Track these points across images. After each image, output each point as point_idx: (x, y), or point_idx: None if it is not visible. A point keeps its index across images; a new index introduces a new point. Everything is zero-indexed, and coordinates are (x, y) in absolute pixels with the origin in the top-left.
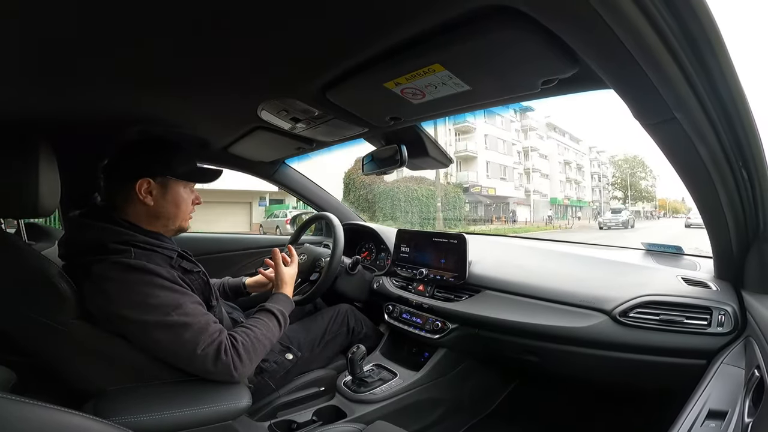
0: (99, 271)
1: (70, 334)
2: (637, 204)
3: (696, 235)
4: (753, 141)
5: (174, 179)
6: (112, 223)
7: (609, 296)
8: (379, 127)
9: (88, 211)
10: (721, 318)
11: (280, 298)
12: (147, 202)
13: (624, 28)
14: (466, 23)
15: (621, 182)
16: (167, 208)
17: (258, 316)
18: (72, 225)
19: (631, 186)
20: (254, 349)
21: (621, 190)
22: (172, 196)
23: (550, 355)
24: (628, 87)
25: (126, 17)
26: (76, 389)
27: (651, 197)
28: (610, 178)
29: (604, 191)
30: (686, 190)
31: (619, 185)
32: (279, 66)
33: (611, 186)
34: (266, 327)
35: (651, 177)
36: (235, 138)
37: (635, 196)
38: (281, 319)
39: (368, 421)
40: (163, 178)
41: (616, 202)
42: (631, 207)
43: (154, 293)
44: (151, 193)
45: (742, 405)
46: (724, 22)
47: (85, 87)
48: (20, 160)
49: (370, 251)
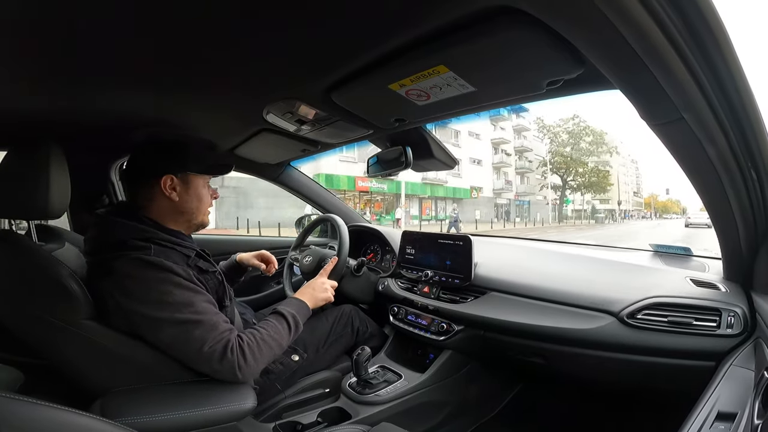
0: (119, 267)
1: (79, 334)
2: (582, 194)
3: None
4: (762, 141)
5: (194, 174)
6: (136, 221)
7: (616, 298)
8: (384, 128)
9: (113, 209)
10: (731, 319)
11: (294, 302)
12: (172, 198)
13: (630, 28)
14: (471, 24)
15: (559, 161)
16: (191, 202)
17: (269, 319)
18: (97, 222)
19: (571, 168)
20: (260, 351)
21: (557, 172)
22: (194, 190)
23: (556, 357)
24: (634, 87)
25: (135, 20)
26: (83, 390)
27: (603, 186)
28: (546, 156)
29: (529, 176)
30: (692, 190)
31: (558, 165)
32: (284, 68)
33: (546, 166)
34: (275, 330)
35: (614, 154)
36: (241, 140)
37: (586, 185)
38: (292, 323)
39: (373, 423)
40: (184, 174)
41: (547, 193)
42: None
43: (169, 290)
44: (175, 189)
45: (752, 407)
46: (730, 22)
47: (94, 90)
48: (31, 162)
49: (375, 253)
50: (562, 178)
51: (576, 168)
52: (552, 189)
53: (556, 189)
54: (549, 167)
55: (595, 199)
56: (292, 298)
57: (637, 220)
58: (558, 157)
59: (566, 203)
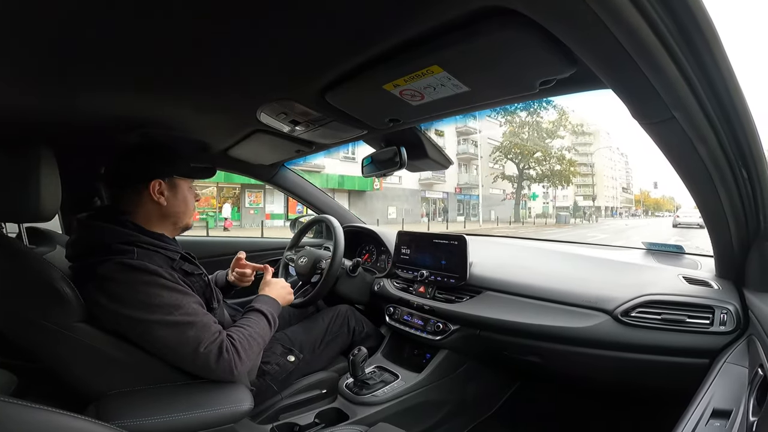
0: (103, 271)
1: (72, 337)
2: (545, 187)
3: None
4: (752, 140)
5: (180, 178)
6: (118, 225)
7: (611, 296)
8: (379, 129)
9: (95, 213)
10: (724, 317)
11: (263, 299)
12: (161, 202)
13: (621, 28)
14: (464, 25)
15: (509, 145)
16: (178, 206)
17: (248, 316)
18: (79, 226)
19: (527, 153)
20: (250, 348)
21: (512, 158)
22: (181, 194)
23: (552, 355)
24: (626, 87)
25: (126, 21)
26: (78, 392)
27: (567, 176)
28: (500, 140)
29: (478, 164)
30: (683, 190)
31: (506, 150)
32: (278, 69)
33: (500, 152)
34: (258, 326)
35: (574, 133)
36: (234, 141)
37: (548, 175)
38: (272, 320)
39: (371, 423)
40: (171, 178)
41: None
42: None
43: (156, 293)
44: (163, 193)
45: (747, 404)
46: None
47: (85, 91)
48: (21, 164)
49: (370, 253)
50: (518, 165)
51: (533, 154)
52: (508, 180)
53: (512, 180)
54: (498, 153)
55: (578, 195)
56: (264, 296)
57: (627, 218)
58: (510, 139)
59: (532, 198)
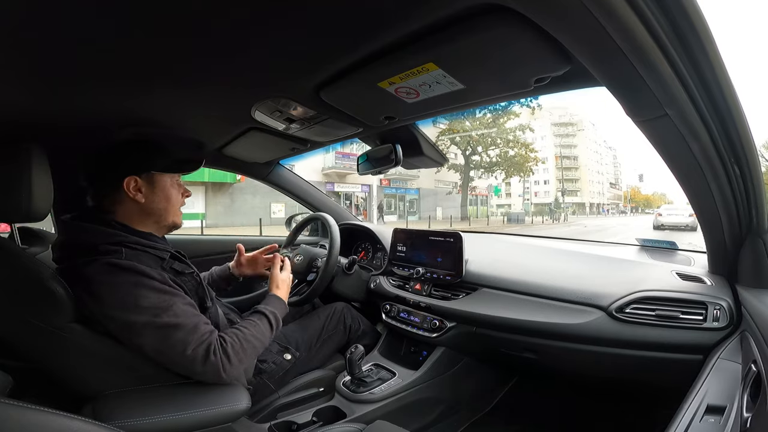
0: (90, 272)
1: (66, 337)
2: (498, 177)
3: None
4: (744, 137)
5: (158, 173)
6: (104, 225)
7: (605, 292)
8: (374, 126)
9: (80, 214)
10: (717, 313)
11: (273, 300)
12: (138, 200)
13: (615, 25)
14: (459, 22)
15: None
16: (158, 203)
17: (250, 318)
18: (65, 228)
19: (474, 139)
20: (243, 351)
21: (458, 145)
22: (161, 190)
23: (548, 352)
24: (619, 84)
25: (119, 17)
26: (74, 393)
27: (523, 166)
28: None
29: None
30: (675, 186)
31: (444, 132)
32: (272, 66)
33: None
34: (257, 329)
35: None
36: (229, 139)
37: (500, 164)
38: (273, 321)
39: (368, 421)
40: (148, 174)
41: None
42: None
43: (144, 294)
44: (140, 190)
45: (741, 399)
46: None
47: (77, 88)
48: (12, 163)
49: (366, 251)
50: (464, 153)
51: (481, 138)
52: (454, 170)
53: (458, 170)
54: (444, 137)
55: (559, 190)
56: (271, 296)
57: (612, 216)
58: (452, 124)
59: (495, 193)
